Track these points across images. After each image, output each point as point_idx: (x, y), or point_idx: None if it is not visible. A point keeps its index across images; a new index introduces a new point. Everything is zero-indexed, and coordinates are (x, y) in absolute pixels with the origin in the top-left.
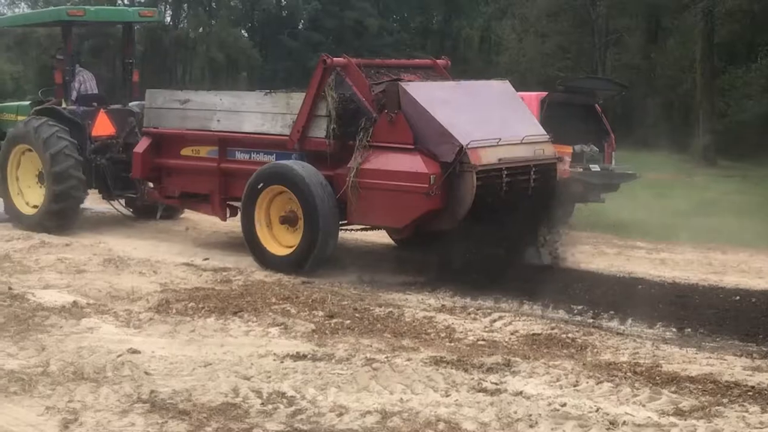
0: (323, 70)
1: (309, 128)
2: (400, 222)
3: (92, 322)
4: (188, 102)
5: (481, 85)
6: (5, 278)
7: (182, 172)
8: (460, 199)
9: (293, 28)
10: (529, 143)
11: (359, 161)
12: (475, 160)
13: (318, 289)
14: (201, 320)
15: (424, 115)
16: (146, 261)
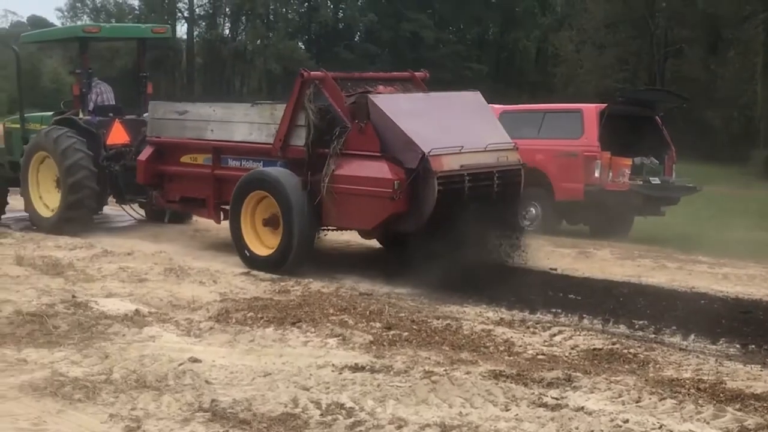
0: (302, 83)
1: (290, 137)
2: (369, 224)
3: (154, 330)
4: (186, 113)
5: (451, 96)
6: (69, 286)
7: (182, 178)
8: (422, 202)
9: (349, 40)
10: (493, 150)
11: (332, 168)
12: (436, 166)
13: (375, 301)
14: (260, 330)
15: (391, 125)
16: (206, 270)
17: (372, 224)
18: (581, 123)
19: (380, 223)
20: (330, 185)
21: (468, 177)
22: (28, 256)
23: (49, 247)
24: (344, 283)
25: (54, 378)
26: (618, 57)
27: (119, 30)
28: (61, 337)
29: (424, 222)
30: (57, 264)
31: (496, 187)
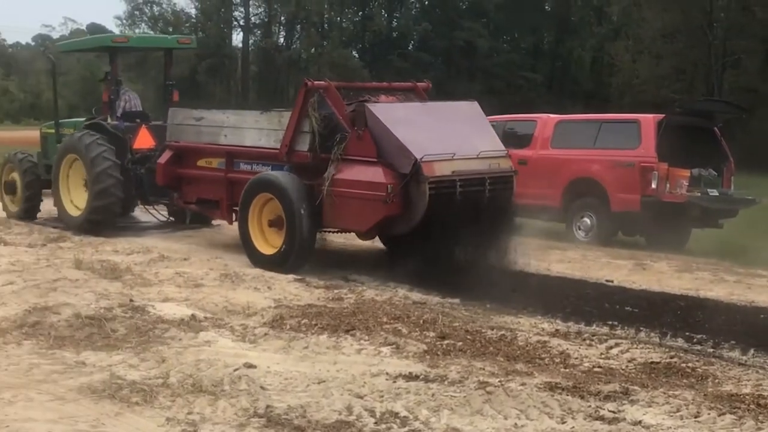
0: (306, 92)
1: (295, 143)
2: (364, 226)
3: (210, 335)
4: (202, 119)
5: (447, 106)
6: (127, 290)
7: (198, 181)
8: (414, 206)
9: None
10: (485, 158)
11: (333, 172)
12: (428, 171)
13: (429, 310)
14: (314, 337)
15: (386, 132)
16: (260, 277)
17: (366, 226)
18: (639, 133)
19: (374, 225)
20: (330, 188)
21: (459, 182)
22: (87, 260)
23: (107, 252)
24: (397, 292)
25: (112, 381)
26: (675, 67)
27: (146, 40)
28: (119, 341)
29: (416, 224)
30: (115, 268)
31: (487, 193)
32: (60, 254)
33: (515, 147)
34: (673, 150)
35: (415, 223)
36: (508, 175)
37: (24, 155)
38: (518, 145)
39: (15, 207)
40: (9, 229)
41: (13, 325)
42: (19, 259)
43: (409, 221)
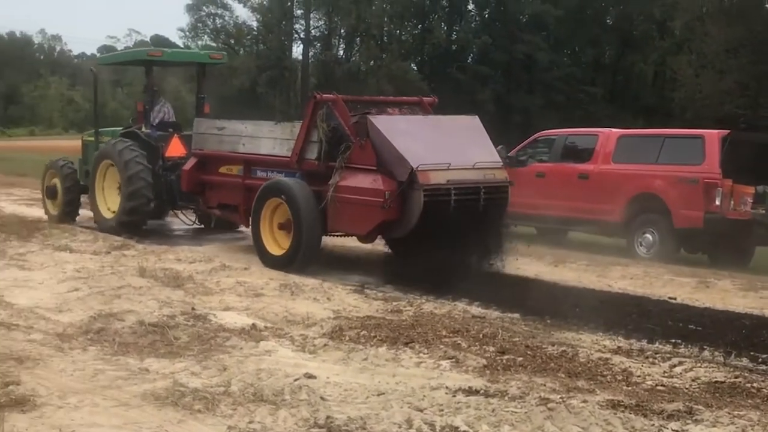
0: (315, 105)
1: (305, 151)
2: (363, 230)
3: (270, 345)
4: (224, 129)
5: (448, 119)
6: (189, 299)
7: (219, 187)
8: (410, 212)
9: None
10: (480, 168)
11: (337, 179)
12: (423, 180)
13: (488, 324)
14: (373, 349)
15: (386, 142)
16: (319, 287)
17: (366, 230)
18: (703, 149)
19: (373, 229)
20: (334, 194)
21: (454, 191)
22: (150, 267)
23: (169, 260)
24: (457, 305)
25: (175, 388)
26: (738, 82)
27: (180, 55)
28: (182, 348)
29: (411, 229)
30: (177, 276)
31: (482, 201)
32: (124, 262)
33: (576, 161)
34: (738, 166)
35: (411, 229)
36: (502, 186)
37: (65, 162)
38: (579, 160)
39: (55, 210)
40: (75, 237)
41: (79, 331)
42: (84, 266)
43: (406, 226)
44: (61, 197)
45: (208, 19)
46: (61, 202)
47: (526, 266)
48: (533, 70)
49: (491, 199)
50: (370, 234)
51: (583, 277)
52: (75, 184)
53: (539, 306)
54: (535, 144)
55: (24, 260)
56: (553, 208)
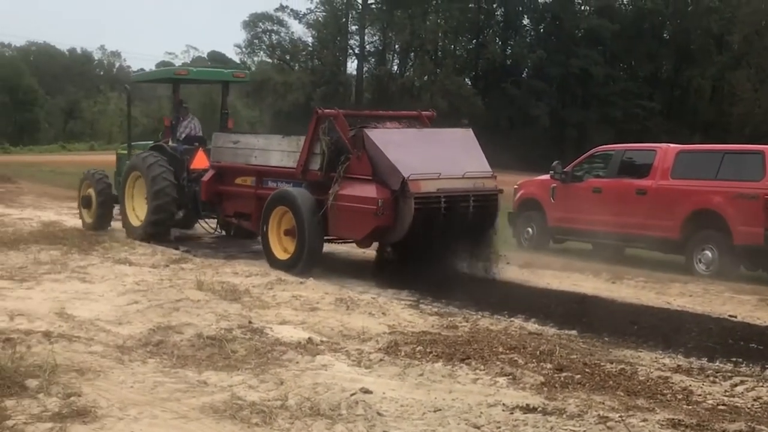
0: (317, 119)
1: (309, 163)
2: (359, 235)
3: (326, 359)
4: (238, 142)
5: (441, 132)
6: (246, 312)
7: (235, 197)
8: (402, 218)
9: (517, 76)
10: (470, 178)
11: (336, 188)
12: (414, 188)
13: (545, 341)
14: (429, 364)
15: (380, 154)
16: (374, 302)
17: (361, 235)
18: (763, 165)
19: (368, 234)
20: (333, 202)
21: (444, 199)
22: (208, 281)
23: (227, 274)
24: (513, 322)
25: (233, 401)
26: None
27: (205, 73)
28: (239, 362)
29: (404, 234)
30: (234, 290)
31: (471, 209)
32: (182, 275)
33: (633, 177)
34: None
35: (404, 234)
36: (492, 194)
37: (99, 174)
38: (636, 175)
39: (90, 219)
40: (134, 250)
41: (138, 343)
42: (143, 279)
43: (399, 232)
44: (95, 206)
45: (264, 36)
46: (95, 211)
47: (582, 282)
48: (589, 85)
49: (481, 206)
50: (366, 239)
51: (641, 294)
52: (108, 195)
53: (597, 323)
54: (591, 159)
55: (85, 273)
56: (609, 224)
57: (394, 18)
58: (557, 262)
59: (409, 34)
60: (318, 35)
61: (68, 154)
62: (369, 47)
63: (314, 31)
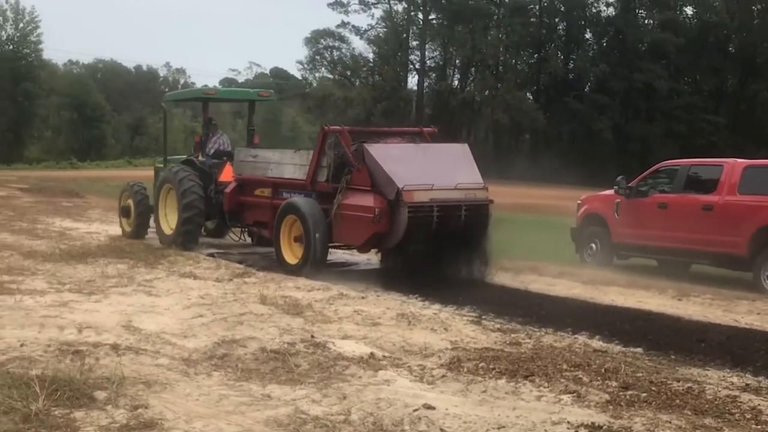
0: (324, 135)
1: (317, 175)
2: (358, 241)
3: (388, 374)
4: (257, 156)
5: (438, 147)
6: (308, 327)
7: (255, 207)
8: (397, 226)
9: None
10: (462, 189)
11: (339, 198)
12: (408, 198)
13: (610, 359)
14: (492, 381)
15: (378, 167)
16: (436, 318)
17: (360, 241)
18: None
19: (366, 240)
20: (336, 211)
21: (437, 208)
22: (271, 295)
23: (289, 288)
24: (577, 339)
25: (296, 415)
26: None
27: (232, 93)
28: (302, 376)
29: (399, 240)
30: (297, 304)
31: (463, 218)
32: (245, 289)
33: (699, 192)
34: None
35: (399, 240)
36: (483, 204)
37: (138, 186)
38: (702, 191)
39: (128, 228)
40: (198, 264)
41: (203, 356)
42: (207, 292)
43: (395, 238)
44: (134, 216)
45: (325, 52)
46: (134, 221)
47: (648, 299)
48: (652, 99)
49: (473, 215)
50: (365, 245)
51: (707, 312)
52: (146, 205)
53: (663, 340)
54: (656, 174)
55: (151, 286)
56: (675, 240)
57: (454, 33)
58: (622, 278)
59: (470, 49)
60: (379, 51)
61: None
62: (429, 62)
63: (375, 46)
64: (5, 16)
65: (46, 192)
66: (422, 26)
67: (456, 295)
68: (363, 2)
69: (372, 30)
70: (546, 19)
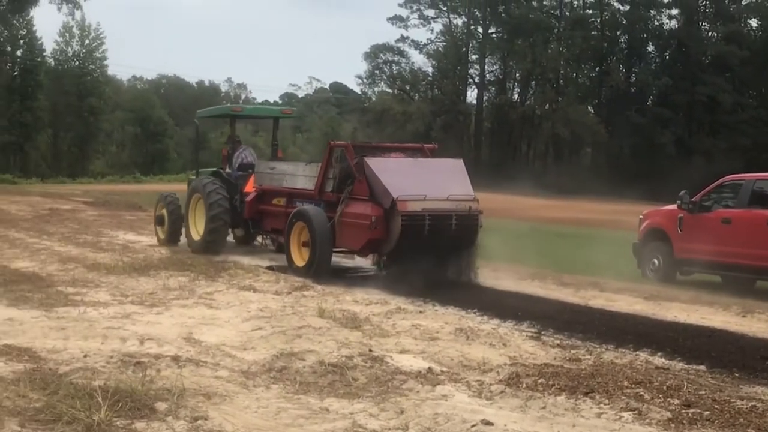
0: (330, 149)
1: (324, 185)
2: (357, 246)
3: (446, 389)
4: (274, 168)
5: (434, 161)
6: (366, 340)
7: (272, 215)
8: (392, 232)
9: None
10: (454, 200)
11: (342, 207)
12: (402, 207)
13: (672, 376)
14: (551, 397)
15: (376, 179)
16: (494, 333)
17: (358, 246)
18: None
19: (364, 245)
20: (339, 218)
21: (428, 217)
22: (329, 309)
23: (347, 301)
24: (639, 355)
25: (354, 429)
26: None
27: (257, 110)
28: (360, 389)
29: (393, 246)
30: (355, 318)
31: (454, 226)
32: (304, 302)
33: (764, 207)
34: None
35: (393, 246)
36: (473, 214)
37: (171, 197)
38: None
39: (162, 235)
40: (258, 277)
41: (262, 369)
42: (267, 305)
43: (390, 244)
44: (167, 224)
45: (384, 66)
46: (167, 229)
47: (711, 316)
48: (716, 112)
49: (463, 224)
50: (363, 249)
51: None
52: (178, 214)
53: (726, 358)
54: (720, 189)
55: (211, 299)
56: (740, 256)
57: (514, 46)
58: (684, 294)
59: (531, 62)
60: (438, 65)
61: None
62: (489, 76)
63: (434, 61)
64: (71, 33)
65: (110, 205)
66: (482, 40)
67: (515, 310)
68: (422, 17)
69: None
70: (607, 32)
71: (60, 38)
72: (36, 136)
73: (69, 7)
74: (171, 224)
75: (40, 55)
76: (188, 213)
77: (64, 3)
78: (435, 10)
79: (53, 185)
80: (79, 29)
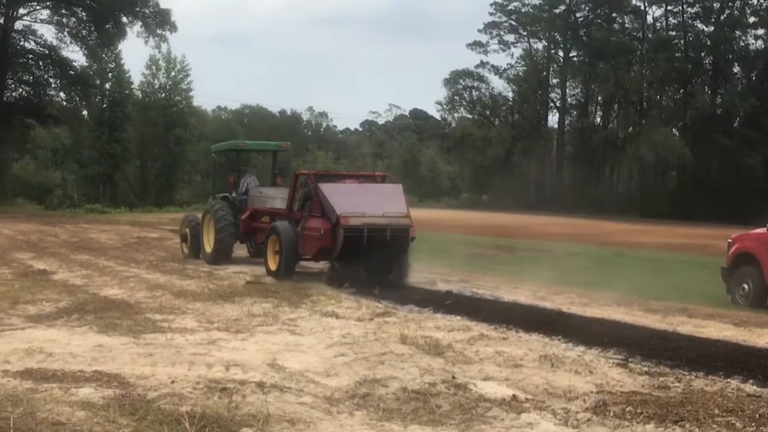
0: (296, 177)
1: (292, 206)
2: (310, 253)
3: (532, 417)
4: (261, 192)
5: (377, 186)
6: (449, 367)
7: (261, 230)
8: (337, 242)
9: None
10: (388, 216)
11: (303, 222)
12: (344, 222)
13: (765, 404)
14: (640, 426)
15: (326, 200)
16: (580, 360)
17: (312, 253)
18: None
19: (316, 252)
20: (301, 232)
21: (366, 230)
22: (411, 335)
23: (429, 328)
24: (730, 383)
25: None
26: None
27: (257, 145)
28: (444, 417)
29: (338, 253)
30: (437, 344)
31: (388, 238)
32: (386, 329)
33: None
34: None
35: (338, 253)
36: (404, 228)
37: (192, 218)
38: None
39: (186, 251)
40: (340, 303)
41: (346, 395)
42: (349, 332)
43: (335, 251)
44: (189, 241)
45: (464, 92)
46: (189, 244)
47: None
48: None
49: (396, 236)
50: (316, 256)
51: None
52: (198, 231)
53: None
54: None
55: (295, 325)
56: None
57: (596, 69)
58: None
59: (613, 86)
60: (518, 89)
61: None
62: (570, 100)
63: (514, 85)
64: (158, 66)
65: None
66: (563, 64)
67: (601, 337)
68: (502, 42)
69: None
70: (692, 53)
71: (147, 71)
72: (124, 167)
73: (155, 40)
74: (192, 240)
75: (128, 87)
76: (202, 230)
77: (151, 36)
78: (515, 35)
79: (141, 214)
80: (165, 62)
